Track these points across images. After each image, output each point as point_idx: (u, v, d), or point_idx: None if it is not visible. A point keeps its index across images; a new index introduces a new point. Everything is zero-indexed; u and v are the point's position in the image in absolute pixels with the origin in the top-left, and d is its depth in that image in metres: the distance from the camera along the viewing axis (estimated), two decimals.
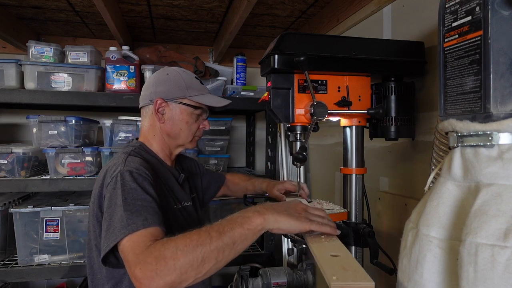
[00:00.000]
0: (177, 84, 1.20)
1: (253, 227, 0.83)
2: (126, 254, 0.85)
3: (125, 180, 0.98)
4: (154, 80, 1.22)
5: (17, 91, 1.80)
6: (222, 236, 0.81)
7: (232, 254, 0.83)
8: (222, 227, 0.83)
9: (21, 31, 2.14)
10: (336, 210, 1.19)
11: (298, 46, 1.11)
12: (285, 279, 1.64)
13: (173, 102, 1.19)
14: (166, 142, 1.22)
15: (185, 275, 0.79)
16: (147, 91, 1.22)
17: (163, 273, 0.78)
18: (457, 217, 0.69)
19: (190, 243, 0.80)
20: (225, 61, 2.58)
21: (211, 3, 1.82)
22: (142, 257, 0.81)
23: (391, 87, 1.23)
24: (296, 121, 1.16)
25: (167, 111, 1.19)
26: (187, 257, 0.79)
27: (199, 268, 0.80)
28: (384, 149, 1.49)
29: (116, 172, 1.01)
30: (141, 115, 1.26)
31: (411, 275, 0.73)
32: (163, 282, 0.78)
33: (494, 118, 0.65)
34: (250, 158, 2.66)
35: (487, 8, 0.65)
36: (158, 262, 0.79)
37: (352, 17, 1.71)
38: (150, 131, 1.22)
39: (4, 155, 1.80)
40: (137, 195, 0.95)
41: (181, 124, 1.20)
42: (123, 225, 0.88)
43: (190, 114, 1.21)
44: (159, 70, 1.27)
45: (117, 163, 1.06)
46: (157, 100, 1.18)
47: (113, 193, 0.96)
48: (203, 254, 0.80)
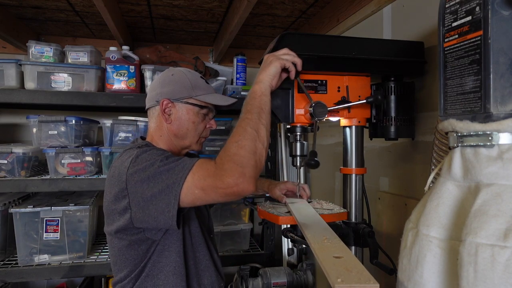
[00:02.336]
0: (183, 84, 1.20)
1: (261, 93, 1.02)
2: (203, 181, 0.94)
3: (146, 154, 1.04)
4: (159, 81, 1.23)
5: (17, 91, 1.80)
6: (251, 111, 0.99)
7: (268, 115, 1.01)
8: (245, 108, 1.01)
9: (21, 31, 2.14)
10: (336, 210, 1.19)
11: (298, 46, 1.11)
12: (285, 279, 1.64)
13: (179, 102, 1.19)
14: (173, 142, 1.23)
15: (257, 151, 0.94)
16: (153, 92, 1.23)
17: (244, 162, 0.91)
18: (457, 217, 0.69)
19: (239, 132, 0.96)
20: (225, 61, 2.58)
21: (211, 3, 1.82)
22: (219, 170, 0.92)
23: (391, 87, 1.23)
24: (296, 121, 1.16)
25: (174, 111, 1.19)
26: (247, 139, 0.94)
27: (260, 139, 0.96)
28: (384, 149, 1.49)
29: (133, 156, 1.05)
30: (148, 116, 1.27)
31: (411, 275, 0.73)
32: (249, 168, 0.91)
33: (494, 118, 0.65)
34: None
35: (487, 8, 0.65)
36: (233, 160, 0.91)
37: (352, 17, 1.71)
38: (157, 131, 1.23)
39: (4, 155, 1.80)
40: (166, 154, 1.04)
41: (188, 124, 1.21)
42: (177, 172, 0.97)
43: (196, 113, 1.21)
44: (165, 71, 1.27)
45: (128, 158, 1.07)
46: (163, 100, 1.18)
47: (145, 165, 1.01)
48: (253, 128, 0.96)
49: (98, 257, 1.94)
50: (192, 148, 1.26)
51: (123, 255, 1.10)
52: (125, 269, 1.11)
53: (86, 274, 1.87)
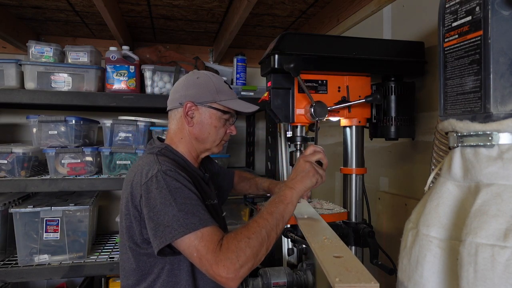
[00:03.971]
0: (208, 88, 1.19)
1: (289, 200, 1.03)
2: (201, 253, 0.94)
3: (167, 179, 1.01)
4: (184, 83, 1.22)
5: (17, 91, 1.80)
6: (273, 215, 1.00)
7: (283, 225, 1.03)
8: (270, 209, 1.01)
9: (21, 31, 2.14)
10: (336, 210, 1.19)
11: (298, 46, 1.11)
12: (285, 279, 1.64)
13: (203, 106, 1.18)
14: (194, 145, 1.22)
15: (259, 256, 0.96)
16: (176, 94, 1.21)
17: (244, 261, 0.92)
18: (457, 217, 0.69)
19: (255, 230, 0.96)
20: (225, 61, 2.58)
21: (211, 3, 1.82)
22: (221, 255, 0.92)
23: (391, 87, 1.23)
24: (296, 121, 1.16)
25: (197, 114, 1.19)
26: (258, 241, 0.95)
27: (267, 246, 0.97)
28: (384, 149, 1.49)
29: (154, 171, 1.03)
30: (168, 117, 1.26)
31: (411, 275, 0.73)
32: (245, 269, 0.92)
33: (494, 118, 0.65)
34: (250, 158, 2.66)
35: (487, 8, 0.65)
36: (239, 255, 0.91)
37: (352, 17, 1.71)
38: (178, 134, 1.22)
39: (4, 155, 1.80)
40: (185, 194, 1.01)
41: (210, 128, 1.20)
42: (180, 224, 0.95)
43: (219, 118, 1.20)
44: (189, 73, 1.26)
45: (149, 162, 1.07)
46: (187, 103, 1.17)
47: (156, 192, 1.00)
48: (267, 233, 0.97)
49: (98, 257, 1.94)
50: (212, 151, 1.26)
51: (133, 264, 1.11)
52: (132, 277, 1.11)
53: (86, 274, 1.87)
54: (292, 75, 1.07)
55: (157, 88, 1.99)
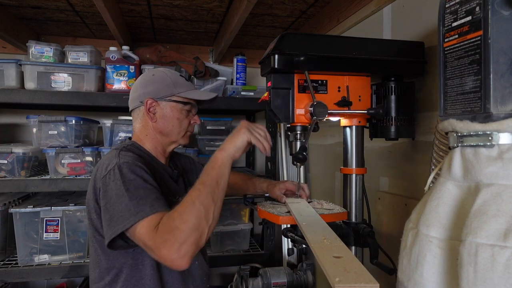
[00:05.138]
0: (164, 83, 1.23)
1: (220, 163, 1.04)
2: (144, 241, 0.94)
3: (123, 171, 1.03)
4: (141, 82, 1.25)
5: (17, 91, 1.80)
6: (205, 183, 1.00)
7: (221, 191, 1.02)
8: (202, 178, 1.01)
9: (21, 31, 2.14)
10: (336, 210, 1.19)
11: (298, 46, 1.11)
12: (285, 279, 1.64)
13: (163, 101, 1.22)
14: (159, 140, 1.25)
15: (200, 229, 0.94)
16: (135, 94, 1.25)
17: (182, 238, 0.91)
18: (457, 217, 0.69)
19: (187, 204, 0.95)
20: (225, 61, 2.58)
21: (211, 3, 1.82)
22: (158, 238, 0.91)
23: (391, 87, 1.23)
24: (296, 121, 1.16)
25: (158, 110, 1.22)
26: (192, 214, 0.94)
27: (206, 216, 0.95)
28: (384, 149, 1.49)
29: (112, 165, 1.05)
30: (132, 117, 1.29)
31: (411, 275, 0.73)
32: (187, 245, 0.91)
33: (494, 118, 0.65)
34: (250, 158, 2.66)
35: (487, 8, 0.65)
36: (173, 233, 0.91)
37: (352, 17, 1.71)
38: (143, 131, 1.25)
39: (4, 155, 1.80)
40: (139, 184, 1.02)
41: (173, 121, 1.24)
42: (131, 213, 0.96)
43: (180, 110, 1.24)
44: (144, 72, 1.29)
45: (110, 157, 1.10)
46: (147, 100, 1.20)
47: (112, 184, 1.01)
48: (202, 204, 0.96)
49: None
50: (179, 143, 1.29)
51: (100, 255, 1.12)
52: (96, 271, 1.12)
53: (86, 274, 1.87)
54: (301, 69, 1.07)
55: None
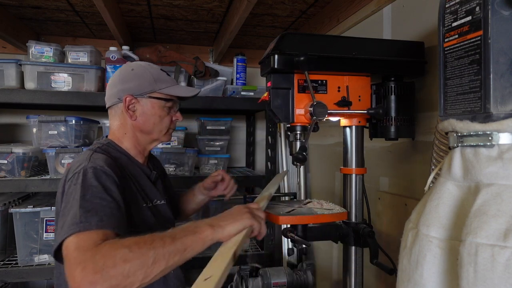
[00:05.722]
0: (145, 79, 1.17)
1: (204, 236, 0.87)
2: (69, 251, 0.79)
3: (87, 176, 0.95)
4: (120, 77, 1.18)
5: (17, 91, 1.80)
6: (175, 241, 0.83)
7: (181, 260, 0.84)
8: (176, 233, 0.85)
9: (21, 31, 2.14)
10: (336, 210, 1.19)
11: (298, 46, 1.11)
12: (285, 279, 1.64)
13: (143, 97, 1.16)
14: (139, 138, 1.20)
15: (132, 278, 0.76)
16: (113, 90, 1.18)
17: (109, 274, 0.74)
18: (457, 217, 0.69)
19: (143, 245, 0.80)
20: (225, 61, 2.58)
21: (211, 3, 1.82)
22: (89, 254, 0.76)
23: (391, 87, 1.23)
24: (296, 121, 1.16)
25: (138, 107, 1.16)
26: (138, 258, 0.77)
27: (148, 270, 0.78)
28: (384, 149, 1.49)
29: (79, 168, 0.98)
30: (109, 115, 1.22)
31: (411, 275, 0.73)
32: (106, 284, 0.73)
33: (494, 118, 0.65)
34: (250, 158, 2.66)
35: (487, 8, 0.65)
36: (106, 261, 0.74)
37: (352, 17, 1.70)
38: (121, 129, 1.19)
39: (4, 155, 1.80)
40: (97, 193, 0.91)
41: (154, 118, 1.18)
42: (74, 222, 0.83)
43: (162, 107, 1.19)
44: (122, 66, 1.23)
45: (82, 159, 1.03)
46: (126, 97, 1.14)
47: (72, 188, 0.93)
48: (154, 257, 0.79)
49: None
50: (161, 140, 1.24)
51: None
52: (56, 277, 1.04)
53: None
54: (301, 69, 1.07)
55: None
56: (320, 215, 1.12)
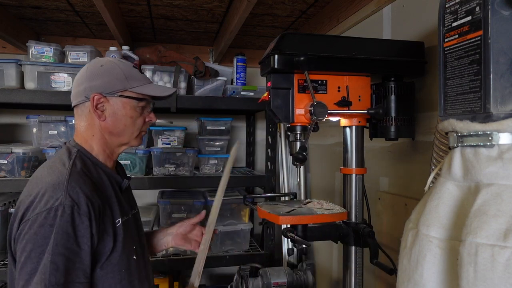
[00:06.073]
0: (115, 76, 1.07)
1: None
2: None
3: (63, 218, 0.88)
4: (87, 74, 1.08)
5: (17, 91, 1.80)
6: None
7: None
8: None
9: (21, 31, 2.14)
10: (336, 210, 1.19)
11: (298, 46, 1.11)
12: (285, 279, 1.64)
13: (114, 96, 1.07)
14: (108, 141, 1.10)
15: None
16: (80, 87, 1.07)
17: None
18: (457, 217, 0.69)
19: None
20: (225, 61, 2.58)
21: (211, 3, 1.82)
22: None
23: (391, 87, 1.23)
24: (296, 121, 1.16)
25: (107, 106, 1.07)
26: None
27: None
28: (384, 149, 1.49)
29: (56, 202, 0.89)
30: (74, 115, 1.12)
31: (411, 275, 0.73)
32: None
33: (494, 118, 0.65)
34: (250, 158, 2.66)
35: (487, 8, 0.65)
36: None
37: (352, 17, 1.71)
38: (88, 131, 1.09)
39: (4, 155, 1.80)
40: (69, 245, 0.88)
41: (125, 119, 1.09)
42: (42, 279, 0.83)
43: (134, 107, 1.10)
44: (91, 62, 1.13)
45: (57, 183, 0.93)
46: (94, 95, 1.05)
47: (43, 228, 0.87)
48: None
49: None
50: (131, 144, 1.14)
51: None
52: None
53: None
54: (301, 69, 1.07)
55: None
56: (320, 215, 1.12)
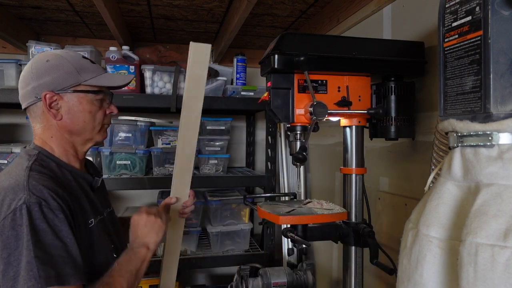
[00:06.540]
0: (64, 70, 0.99)
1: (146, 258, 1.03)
2: None
3: (32, 216, 0.82)
4: (33, 72, 1.00)
5: (17, 91, 1.78)
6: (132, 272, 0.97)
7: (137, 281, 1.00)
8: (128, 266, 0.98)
9: (21, 31, 2.14)
10: (336, 210, 1.19)
11: (298, 46, 1.11)
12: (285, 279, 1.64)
13: (67, 92, 0.99)
14: (69, 140, 1.03)
15: None
16: (27, 87, 1.00)
17: None
18: (457, 217, 0.69)
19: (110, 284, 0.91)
20: (225, 61, 2.58)
21: (211, 3, 1.82)
22: None
23: (391, 87, 1.23)
24: (296, 121, 1.16)
25: (62, 104, 0.99)
26: None
27: None
28: (384, 149, 1.49)
29: (20, 202, 0.83)
30: (29, 117, 1.04)
31: (411, 275, 0.73)
32: None
33: (494, 118, 0.65)
34: (250, 158, 2.66)
35: (487, 8, 0.65)
36: None
37: (352, 17, 1.71)
38: (46, 132, 1.01)
39: (4, 155, 1.80)
40: (48, 240, 0.83)
41: (84, 115, 1.01)
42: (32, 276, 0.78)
43: (91, 101, 1.02)
44: (35, 58, 1.04)
45: (16, 185, 0.86)
46: (45, 94, 0.97)
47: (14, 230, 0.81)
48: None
49: None
50: (95, 140, 1.08)
51: None
52: None
53: None
54: (301, 69, 1.07)
55: (157, 88, 1.99)
56: (320, 215, 1.12)
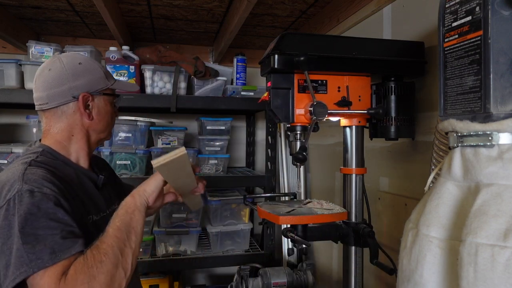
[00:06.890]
0: (97, 74, 1.08)
1: (134, 206, 0.96)
2: None
3: (23, 203, 0.82)
4: (68, 72, 1.03)
5: (17, 91, 1.80)
6: (121, 228, 0.90)
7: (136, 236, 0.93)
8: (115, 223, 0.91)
9: (21, 31, 2.14)
10: (336, 210, 1.19)
11: (298, 46, 1.11)
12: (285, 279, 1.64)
13: (98, 95, 1.08)
14: (90, 139, 1.09)
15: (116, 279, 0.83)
16: (63, 86, 1.02)
17: None
18: (457, 217, 0.69)
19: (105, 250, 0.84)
20: (225, 61, 2.58)
21: (211, 3, 1.82)
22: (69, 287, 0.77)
23: (391, 87, 1.23)
24: (296, 121, 1.16)
25: (93, 105, 1.07)
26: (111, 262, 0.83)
27: (121, 264, 0.86)
28: (384, 149, 1.49)
29: (13, 192, 0.84)
30: (46, 117, 1.05)
31: (411, 275, 0.73)
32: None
33: (494, 118, 0.65)
34: (250, 158, 2.66)
35: (487, 8, 0.65)
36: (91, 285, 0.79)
37: (352, 17, 1.71)
38: (67, 132, 1.04)
39: (4, 155, 1.80)
40: (39, 223, 0.82)
41: (107, 116, 1.11)
42: (23, 262, 0.78)
43: (111, 103, 1.13)
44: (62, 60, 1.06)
45: (12, 178, 0.88)
46: (83, 95, 1.03)
47: (7, 220, 0.81)
48: (120, 250, 0.86)
49: None
50: (106, 139, 1.18)
51: None
52: None
53: None
54: (301, 69, 1.07)
55: (157, 88, 1.99)
56: (320, 215, 1.12)
